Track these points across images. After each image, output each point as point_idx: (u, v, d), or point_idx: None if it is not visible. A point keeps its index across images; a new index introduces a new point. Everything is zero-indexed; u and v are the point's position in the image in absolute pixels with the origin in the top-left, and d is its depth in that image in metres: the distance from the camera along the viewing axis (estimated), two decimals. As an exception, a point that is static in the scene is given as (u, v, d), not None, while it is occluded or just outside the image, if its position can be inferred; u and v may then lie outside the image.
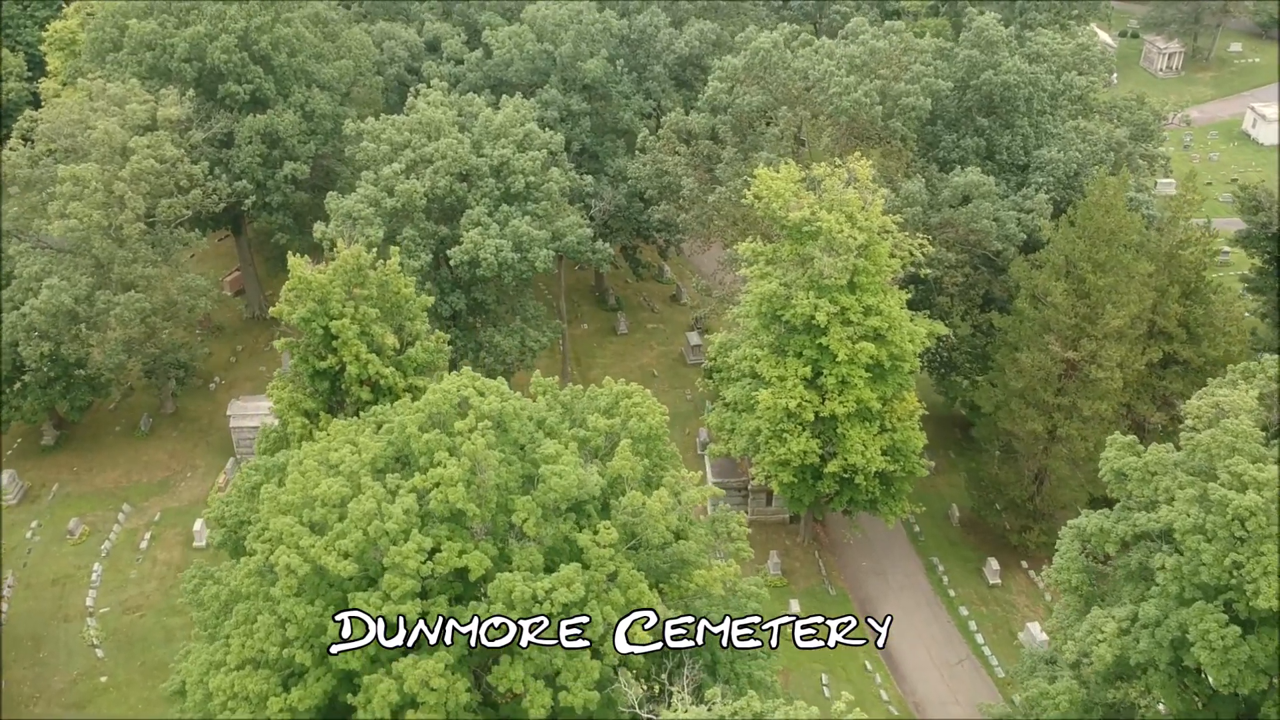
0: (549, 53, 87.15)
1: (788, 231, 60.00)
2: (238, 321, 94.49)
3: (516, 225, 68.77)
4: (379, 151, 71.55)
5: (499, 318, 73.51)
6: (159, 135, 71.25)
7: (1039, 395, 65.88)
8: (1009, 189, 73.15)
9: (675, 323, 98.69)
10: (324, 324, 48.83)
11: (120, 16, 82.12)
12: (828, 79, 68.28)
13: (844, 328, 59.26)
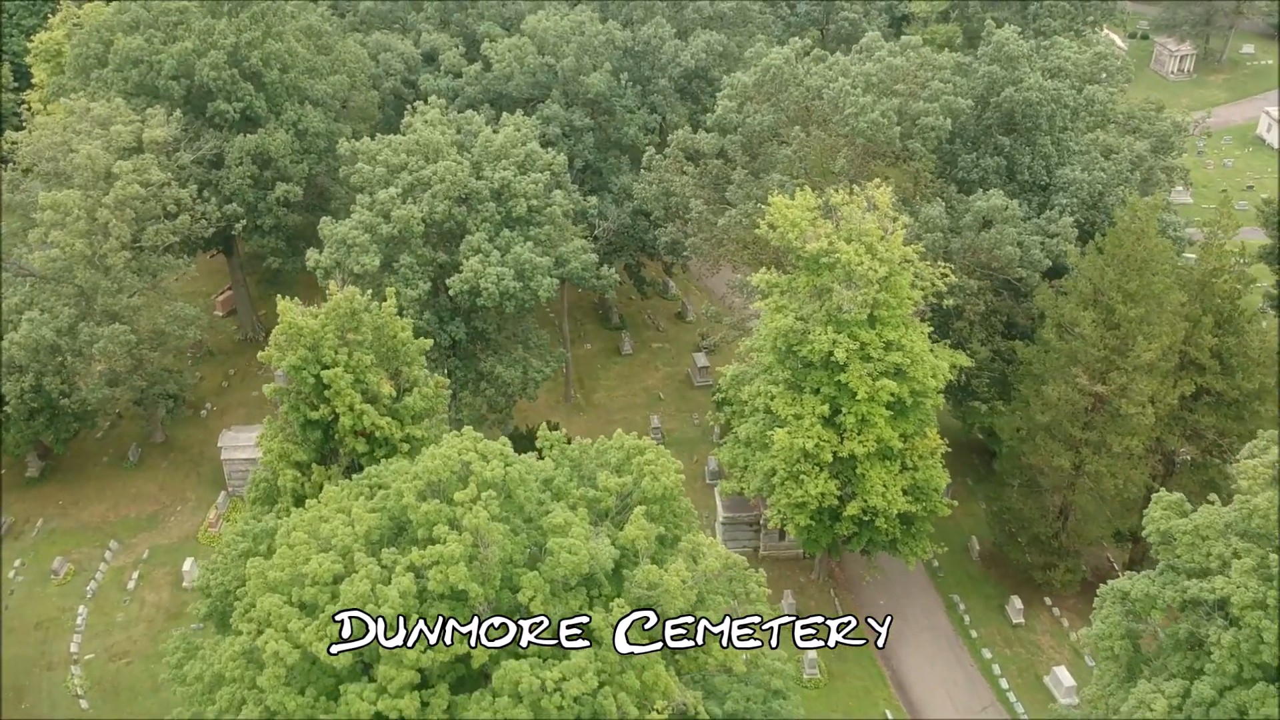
0: (550, 66, 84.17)
1: (804, 263, 57.09)
2: (229, 343, 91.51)
3: (518, 252, 65.81)
4: (374, 174, 68.58)
5: (500, 346, 70.57)
6: (145, 158, 68.28)
7: (1065, 429, 62.99)
8: (1030, 210, 70.19)
9: (681, 341, 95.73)
10: (315, 372, 45.86)
11: (106, 31, 79.17)
12: (843, 98, 65.30)
13: (864, 364, 56.38)
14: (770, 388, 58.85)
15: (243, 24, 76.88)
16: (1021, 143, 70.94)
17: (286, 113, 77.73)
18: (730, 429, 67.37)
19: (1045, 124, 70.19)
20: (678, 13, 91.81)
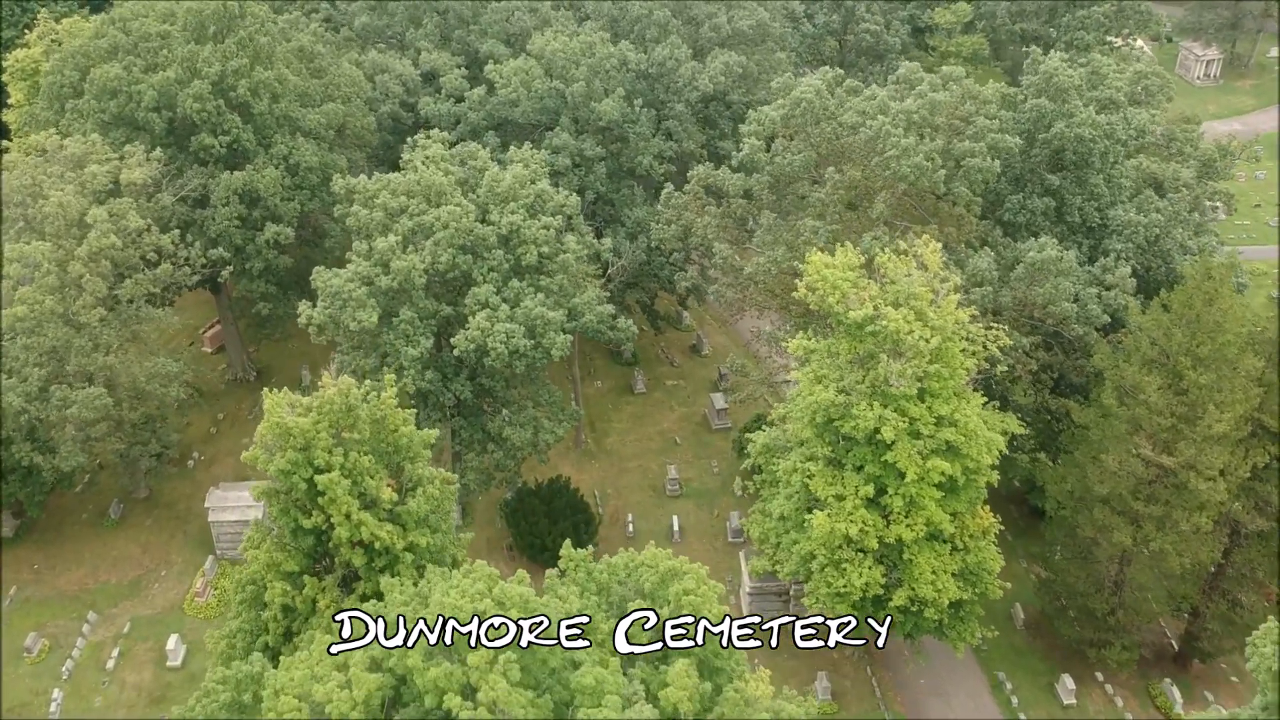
0: (559, 91, 78.66)
1: (846, 328, 51.79)
2: (218, 383, 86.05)
3: (529, 306, 60.45)
4: (372, 219, 63.16)
5: (509, 404, 65.26)
6: (122, 203, 62.78)
7: (1126, 502, 57.83)
8: (1081, 254, 64.89)
9: (697, 378, 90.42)
10: (308, 476, 40.57)
11: (82, 58, 73.53)
12: (883, 139, 59.87)
13: (913, 441, 51.15)
14: (808, 465, 53.59)
15: (229, 50, 71.32)
16: (1071, 181, 65.59)
17: (276, 145, 72.19)
18: (757, 491, 62.17)
19: (1098, 161, 64.85)
20: (693, 31, 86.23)
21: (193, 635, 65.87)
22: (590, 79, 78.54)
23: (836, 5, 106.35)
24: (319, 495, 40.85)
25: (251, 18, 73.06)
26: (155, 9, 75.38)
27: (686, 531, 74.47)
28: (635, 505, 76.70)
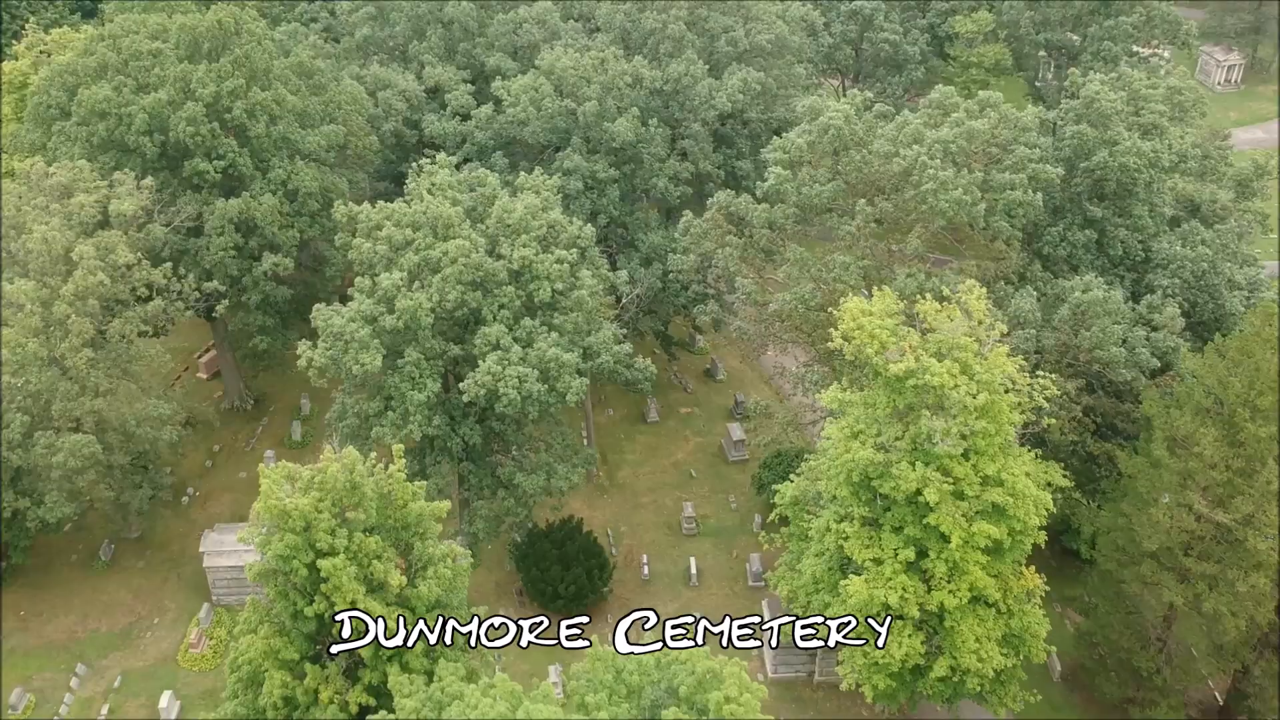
0: (570, 110, 75.10)
1: (885, 381, 48.35)
2: (214, 411, 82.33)
3: (542, 348, 56.98)
4: (375, 252, 59.68)
5: (520, 445, 61.84)
6: (110, 235, 59.22)
7: (1177, 558, 54.48)
8: (1124, 289, 61.47)
9: (711, 405, 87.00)
10: (309, 560, 37.13)
11: (69, 76, 69.87)
12: (919, 170, 56.37)
13: (957, 502, 47.76)
14: (843, 526, 50.16)
15: (224, 69, 67.69)
16: (1113, 212, 62.19)
17: (274, 170, 68.61)
18: (784, 544, 58.74)
19: (1142, 191, 61.45)
20: (709, 44, 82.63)
21: (186, 689, 62.60)
22: (603, 97, 75.06)
23: (853, 14, 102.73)
24: (322, 581, 37.42)
25: (248, 35, 69.43)
26: (147, 24, 71.80)
27: (704, 574, 71.04)
28: (650, 545, 73.28)
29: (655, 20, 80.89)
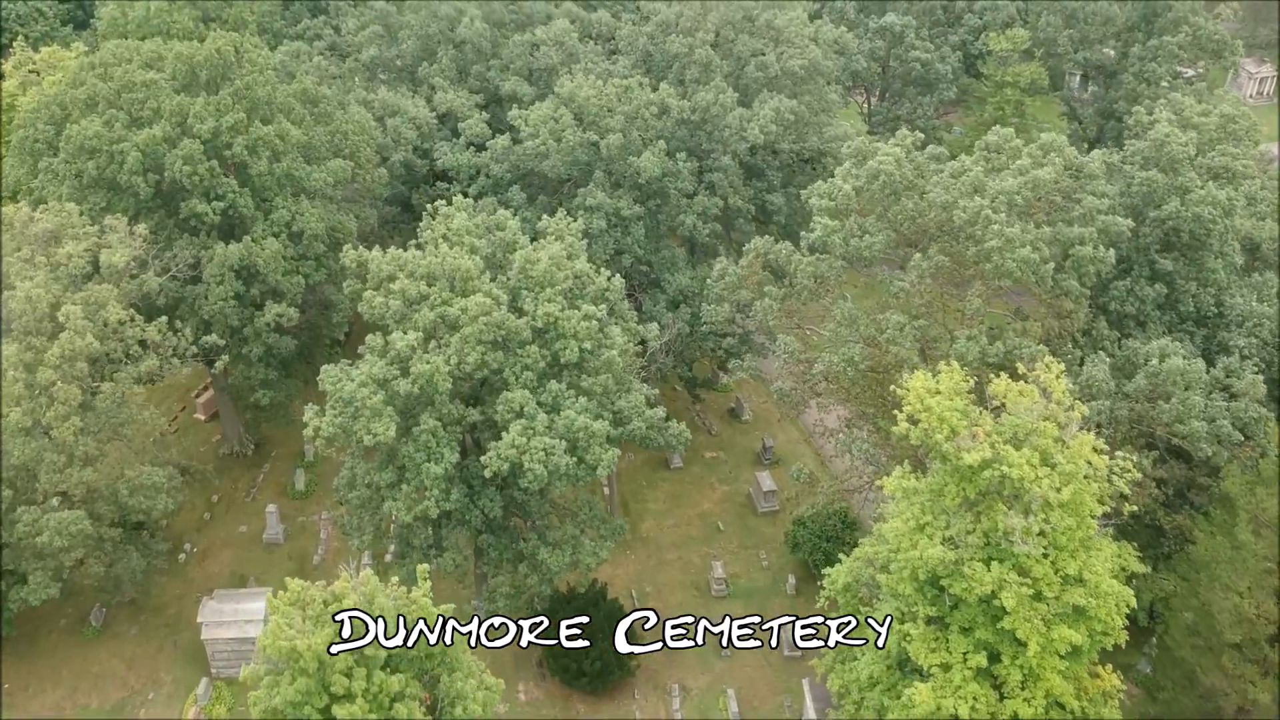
0: (592, 142, 70.44)
1: (956, 470, 43.79)
2: (212, 457, 77.89)
3: (570, 417, 52.34)
4: (388, 308, 55.00)
5: (544, 519, 57.30)
6: (101, 290, 54.52)
7: (1263, 652, 50.10)
8: (1194, 347, 56.98)
9: (737, 448, 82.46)
10: (323, 706, 32.60)
11: (57, 109, 65.12)
12: (981, 224, 51.74)
13: (1035, 605, 43.22)
14: (907, 626, 45.62)
15: (223, 103, 62.97)
16: (1184, 264, 57.64)
17: (277, 210, 63.89)
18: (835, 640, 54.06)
19: (1215, 243, 56.92)
20: (736, 68, 77.90)
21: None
22: (626, 129, 70.45)
23: (882, 30, 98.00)
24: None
25: (249, 65, 64.68)
26: (140, 51, 67.06)
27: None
28: (677, 609, 68.64)
29: (681, 44, 76.19)
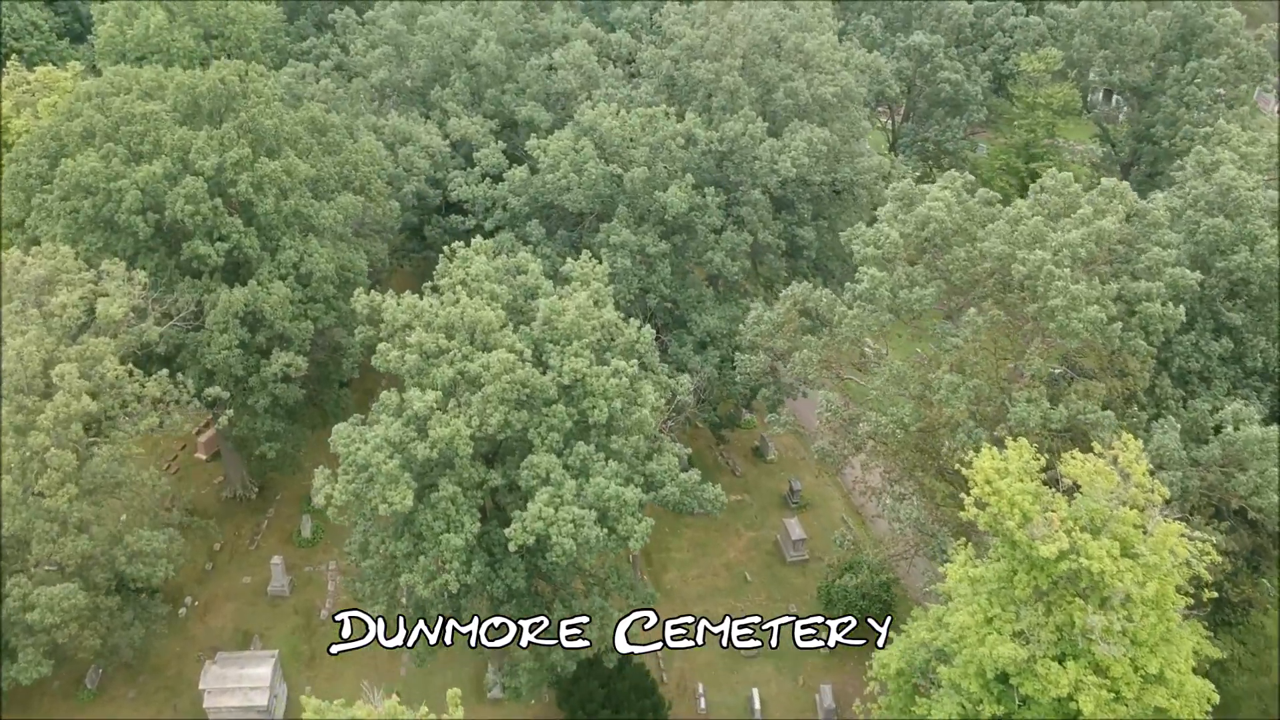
0: (615, 176, 66.87)
1: (1028, 558, 40.23)
2: (214, 500, 74.37)
3: (600, 485, 48.73)
4: (404, 363, 51.41)
5: (570, 590, 53.63)
6: (97, 344, 50.85)
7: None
8: (1261, 405, 53.41)
9: (763, 491, 78.97)
10: None
11: (52, 142, 61.51)
12: (1044, 280, 48.10)
13: (1114, 706, 39.70)
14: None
15: (227, 137, 59.37)
16: (1253, 317, 54.09)
17: (285, 250, 60.27)
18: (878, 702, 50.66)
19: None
20: (765, 95, 74.26)
21: None
22: (651, 161, 66.89)
23: (910, 50, 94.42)
24: None
25: (255, 96, 61.05)
26: (139, 79, 63.47)
27: (769, 705, 62.83)
28: (705, 669, 65.05)
29: (707, 70, 72.56)
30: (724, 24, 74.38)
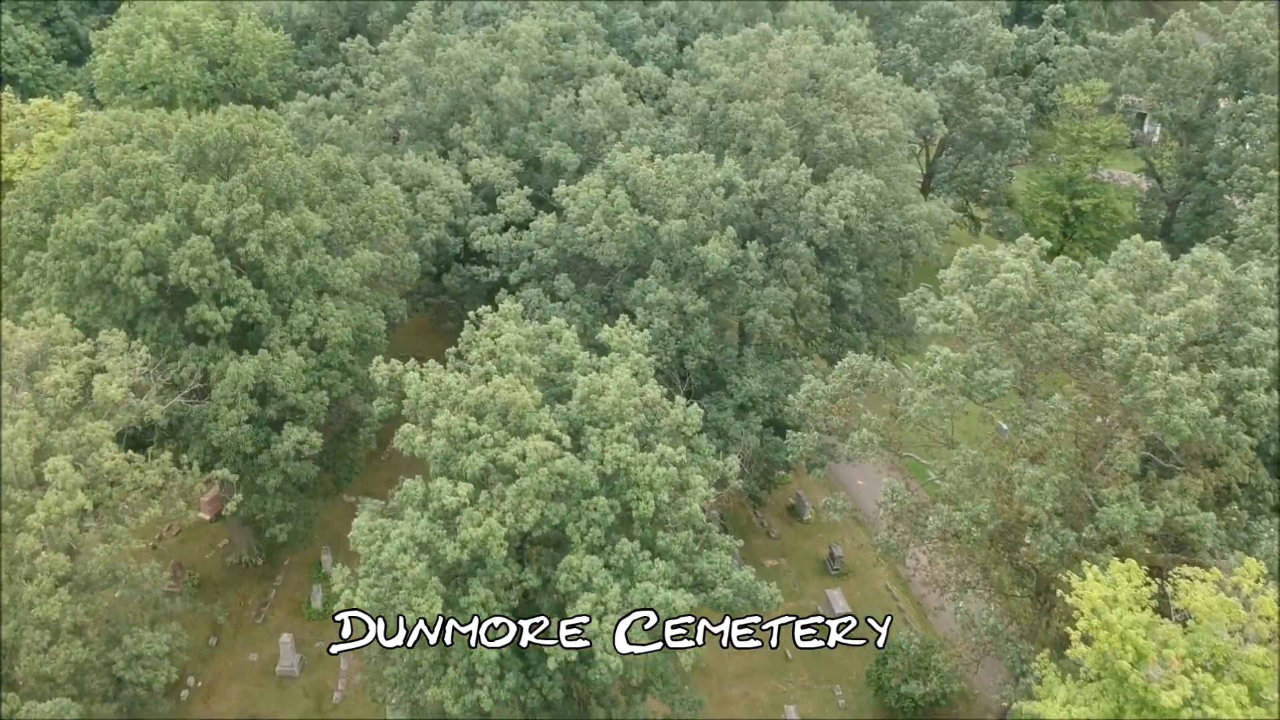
0: (651, 228, 62.35)
1: (1141, 700, 35.69)
2: (217, 566, 69.73)
3: (648, 590, 44.09)
4: (431, 448, 46.80)
5: (611, 698, 49.10)
6: (94, 429, 46.20)
7: None
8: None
9: (800, 554, 74.42)
10: None
11: (46, 194, 56.98)
12: (1140, 369, 43.49)
13: None
14: None
15: (236, 191, 54.80)
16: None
17: (298, 314, 55.67)
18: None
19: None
20: (806, 136, 69.79)
21: None
22: (690, 212, 62.38)
23: (950, 82, 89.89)
24: None
25: (266, 146, 56.51)
26: (141, 124, 58.96)
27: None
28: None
29: (746, 111, 68.03)
30: (764, 62, 69.91)
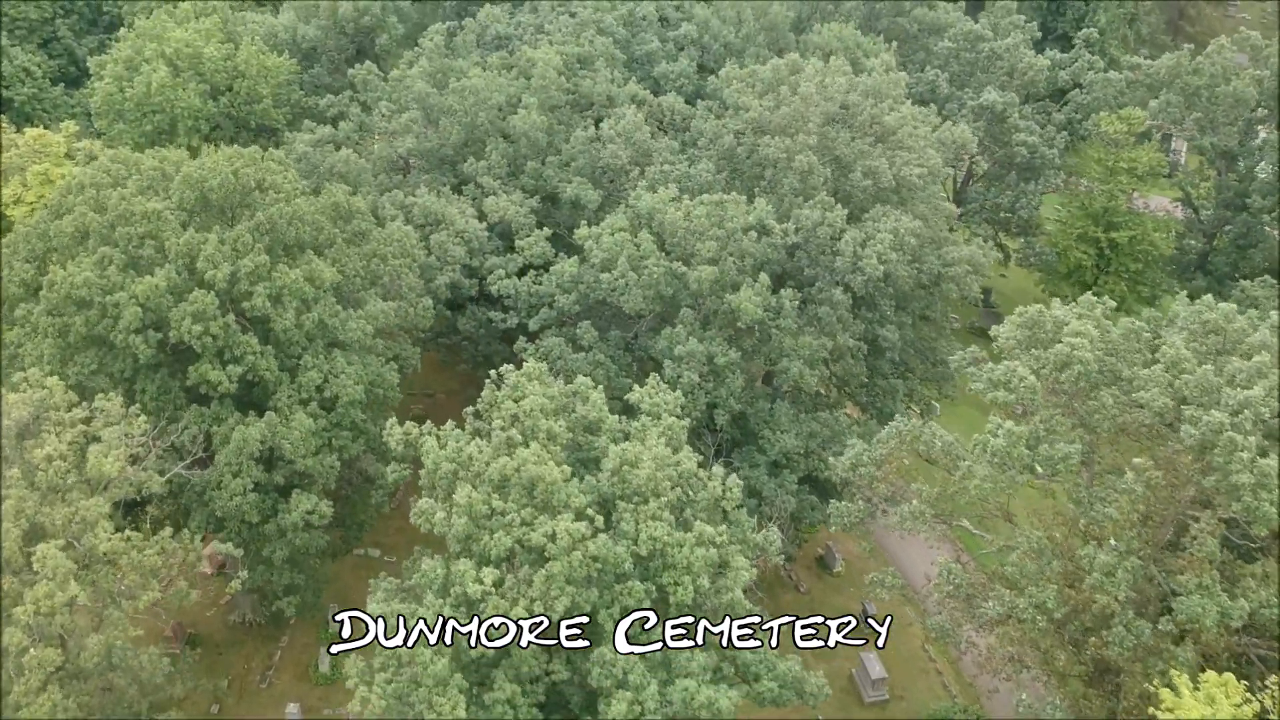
0: (679, 274, 58.92)
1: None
2: (220, 624, 66.10)
3: (689, 688, 40.65)
4: (451, 528, 43.36)
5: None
6: (89, 506, 42.68)
7: None
8: None
9: (831, 610, 70.16)
10: None
11: (39, 242, 53.53)
12: (1224, 450, 39.95)
13: None
14: None
15: (241, 241, 51.34)
16: None
17: (306, 371, 52.16)
18: None
19: None
20: (840, 174, 66.33)
21: None
22: (720, 257, 58.97)
23: (981, 110, 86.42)
24: None
25: (274, 193, 53.07)
26: (140, 167, 55.56)
27: None
28: (781, 847, 57.20)
29: (777, 148, 64.58)
30: (795, 95, 66.47)
